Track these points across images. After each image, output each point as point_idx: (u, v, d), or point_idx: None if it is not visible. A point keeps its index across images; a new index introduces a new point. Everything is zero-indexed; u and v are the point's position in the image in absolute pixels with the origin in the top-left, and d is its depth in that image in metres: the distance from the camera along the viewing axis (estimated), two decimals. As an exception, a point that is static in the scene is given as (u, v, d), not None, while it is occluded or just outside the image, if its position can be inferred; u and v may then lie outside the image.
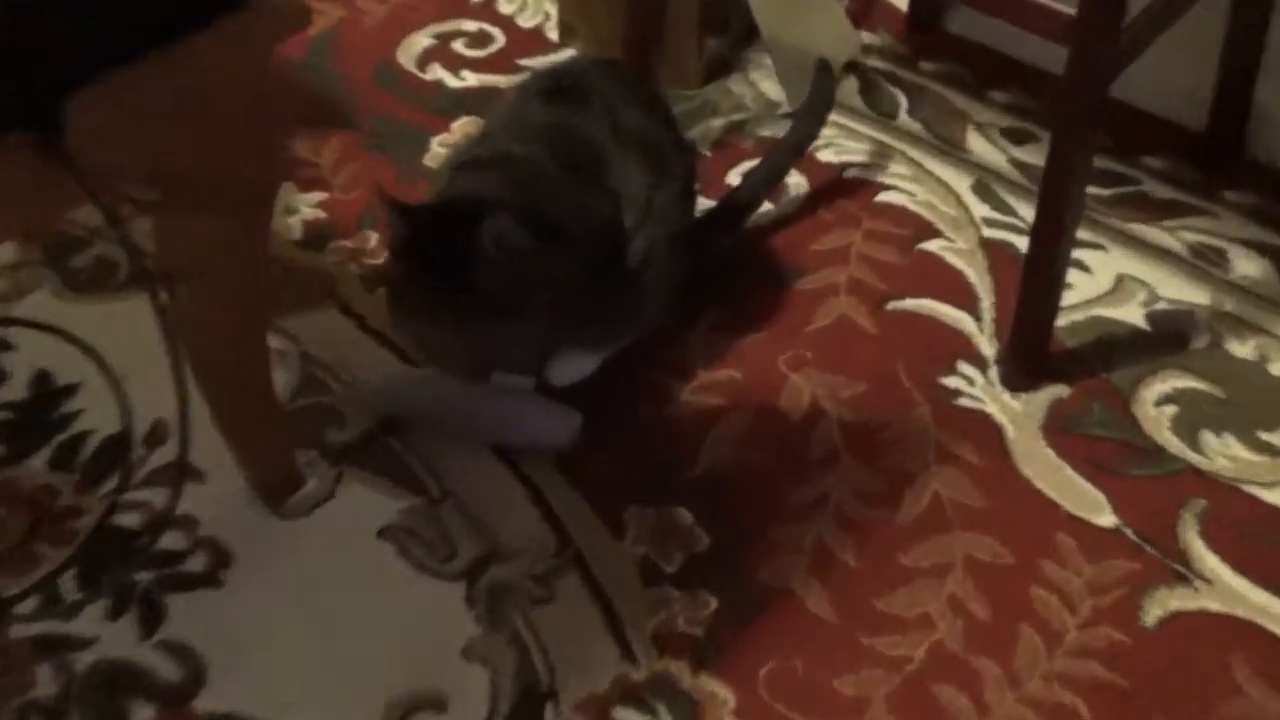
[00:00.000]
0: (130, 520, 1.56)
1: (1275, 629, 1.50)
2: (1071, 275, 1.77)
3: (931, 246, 1.90)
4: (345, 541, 1.57)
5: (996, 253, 1.89)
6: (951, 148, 2.05)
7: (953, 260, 1.88)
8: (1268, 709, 1.43)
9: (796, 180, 1.98)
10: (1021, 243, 1.80)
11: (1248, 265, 1.87)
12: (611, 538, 1.57)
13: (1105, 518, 1.59)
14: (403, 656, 1.47)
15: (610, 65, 1.86)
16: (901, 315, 1.82)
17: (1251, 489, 1.62)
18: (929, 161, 2.03)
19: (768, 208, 1.93)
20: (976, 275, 1.86)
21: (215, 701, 1.43)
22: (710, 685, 1.45)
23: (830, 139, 2.03)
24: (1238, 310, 1.82)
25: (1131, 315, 1.82)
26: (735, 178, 1.98)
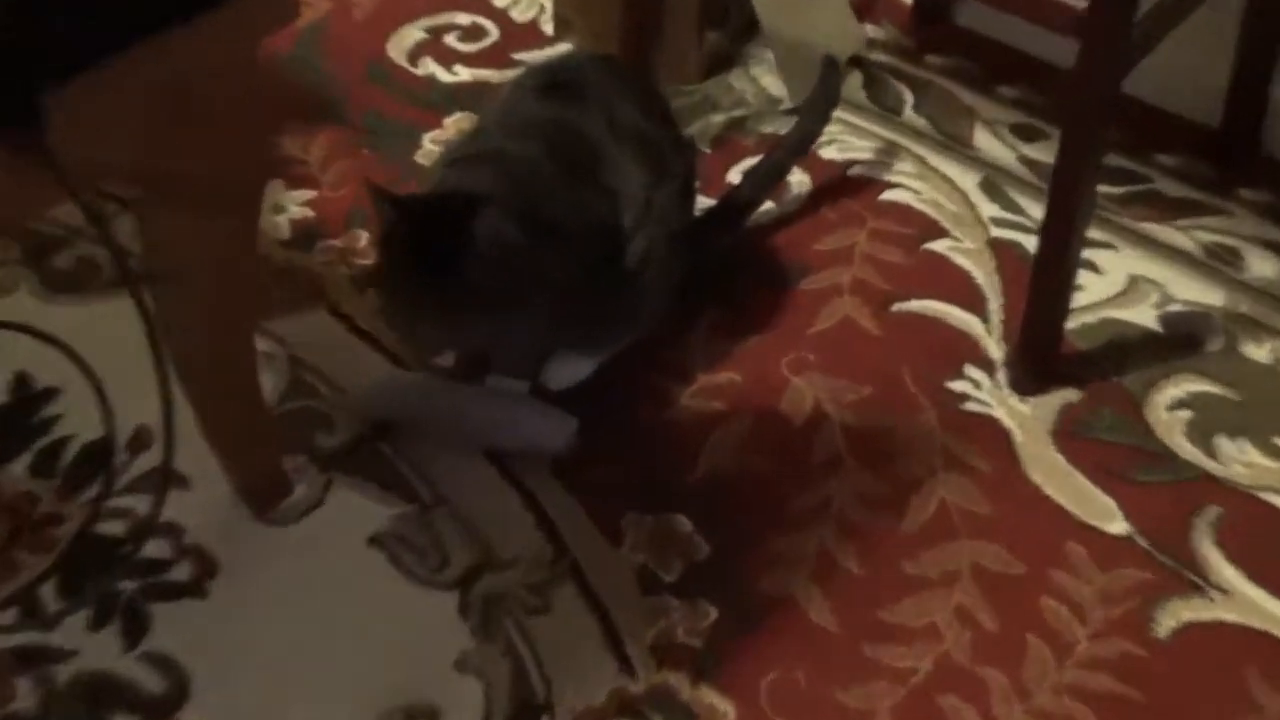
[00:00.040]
0: (113, 528, 1.56)
1: (1292, 640, 1.50)
2: (1082, 276, 1.77)
3: (938, 246, 1.91)
4: (334, 549, 1.57)
5: (1005, 253, 1.89)
6: (958, 145, 2.06)
7: (959, 260, 1.89)
8: (1285, 722, 1.44)
9: (799, 178, 1.98)
10: (1030, 242, 1.80)
11: (1264, 265, 1.87)
12: (609, 546, 1.57)
13: (1116, 525, 1.59)
14: (394, 668, 1.47)
15: (607, 61, 1.86)
16: (907, 317, 1.82)
17: (1268, 496, 1.62)
18: (935, 159, 2.03)
19: (769, 206, 1.94)
20: (984, 276, 1.86)
21: (200, 715, 1.43)
22: (710, 698, 1.45)
23: (834, 136, 2.04)
24: (1253, 312, 1.82)
25: (1144, 317, 1.82)
26: (736, 175, 1.98)
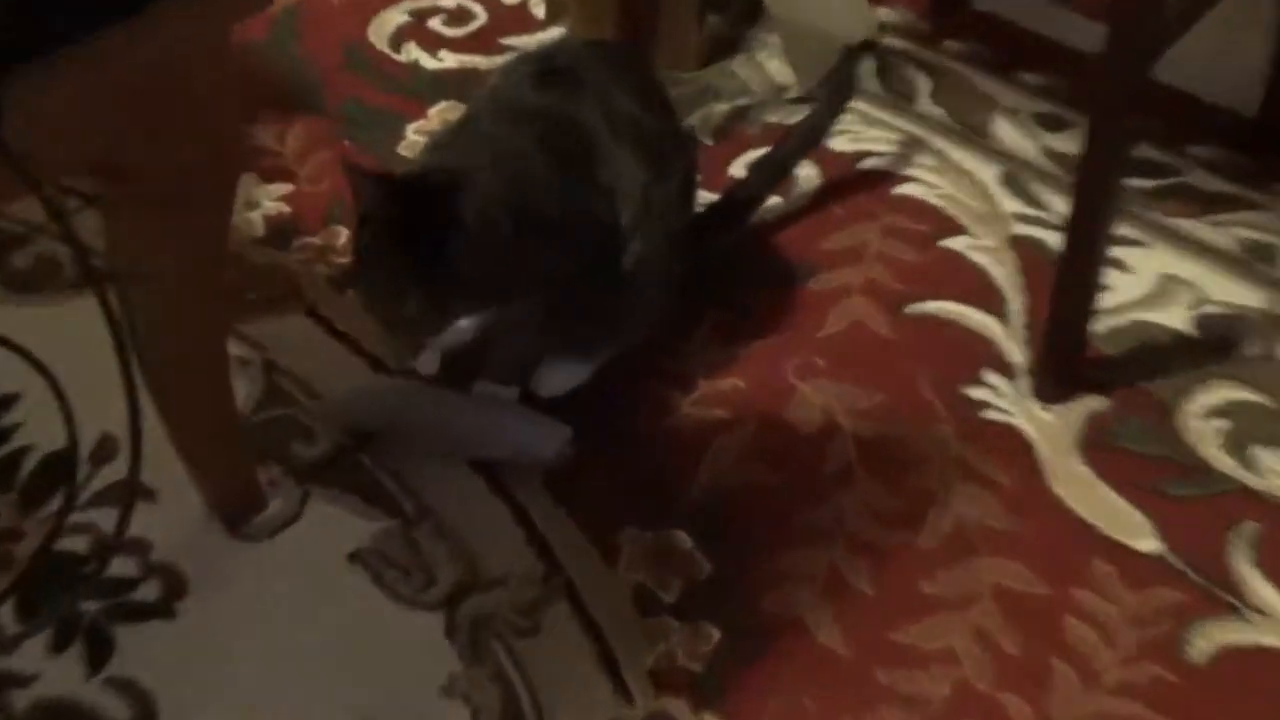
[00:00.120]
0: (75, 544, 1.56)
1: (1334, 665, 1.50)
2: (1109, 276, 1.78)
3: (955, 244, 1.91)
4: (312, 567, 1.57)
5: (1027, 251, 1.89)
6: (977, 135, 2.06)
7: (978, 259, 1.89)
8: (1326, 753, 1.44)
9: (807, 172, 1.99)
10: (1054, 239, 1.80)
11: (1303, 264, 1.88)
12: (604, 563, 1.57)
13: (1147, 542, 1.59)
14: (376, 694, 1.46)
15: (603, 47, 1.86)
16: (922, 319, 1.82)
17: (1308, 510, 1.63)
18: (952, 150, 2.03)
19: (775, 201, 1.94)
20: (1005, 275, 1.86)
21: (168, 744, 1.43)
22: (713, 726, 1.45)
23: (844, 126, 2.04)
24: (1292, 314, 1.82)
25: (1176, 319, 1.82)
26: (739, 169, 1.99)
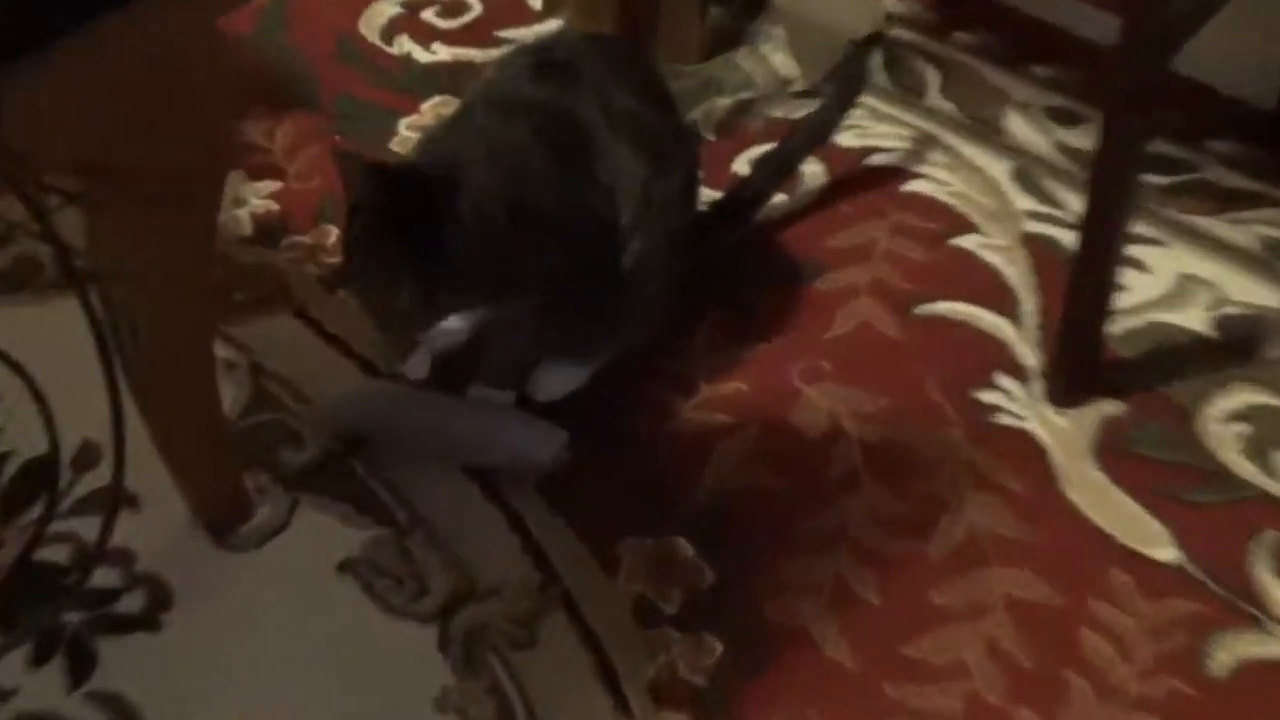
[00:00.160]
0: (57, 554, 1.56)
1: (1359, 679, 1.50)
2: (1126, 275, 1.77)
3: (966, 242, 1.91)
4: (301, 577, 1.57)
5: (1040, 249, 1.89)
6: (988, 130, 2.06)
7: (990, 258, 1.89)
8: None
9: (813, 168, 1.98)
10: (1068, 238, 1.80)
11: (1325, 264, 1.88)
12: (602, 573, 1.57)
13: (1165, 551, 1.59)
14: (367, 708, 1.46)
15: (602, 40, 1.86)
16: (931, 320, 1.82)
17: (1332, 518, 1.63)
18: (963, 146, 2.03)
19: (780, 199, 1.94)
20: (1017, 275, 1.86)
21: (153, 760, 1.43)
22: (715, 741, 1.45)
23: (851, 121, 2.03)
24: (1315, 315, 1.82)
25: (1194, 320, 1.82)
26: (743, 165, 1.98)
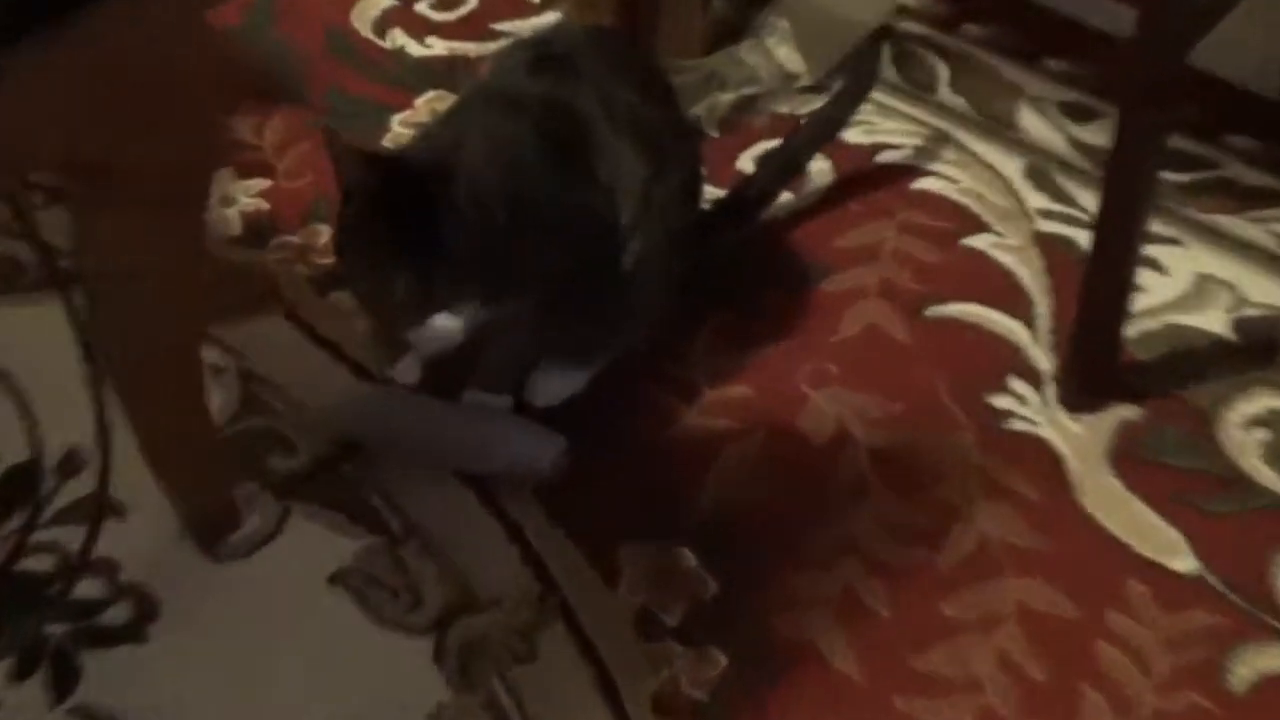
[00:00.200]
0: (40, 564, 1.55)
1: (1385, 694, 1.50)
2: (1142, 276, 1.77)
3: (977, 242, 1.90)
4: (292, 588, 1.56)
5: (1053, 249, 1.89)
6: (1000, 126, 2.05)
7: (1002, 258, 1.88)
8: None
9: (820, 166, 1.98)
10: (1083, 237, 1.80)
11: (1349, 264, 1.88)
12: (603, 584, 1.57)
13: (1183, 561, 1.59)
14: (359, 724, 1.46)
15: (601, 33, 1.86)
16: (942, 323, 1.82)
17: (1355, 528, 1.62)
18: (974, 143, 2.03)
19: (786, 198, 1.93)
20: (1030, 276, 1.86)
21: (138, 777, 1.43)
22: (719, 758, 1.45)
23: (859, 117, 2.03)
24: (1338, 317, 1.82)
25: (1214, 322, 1.81)
26: (747, 162, 1.98)
